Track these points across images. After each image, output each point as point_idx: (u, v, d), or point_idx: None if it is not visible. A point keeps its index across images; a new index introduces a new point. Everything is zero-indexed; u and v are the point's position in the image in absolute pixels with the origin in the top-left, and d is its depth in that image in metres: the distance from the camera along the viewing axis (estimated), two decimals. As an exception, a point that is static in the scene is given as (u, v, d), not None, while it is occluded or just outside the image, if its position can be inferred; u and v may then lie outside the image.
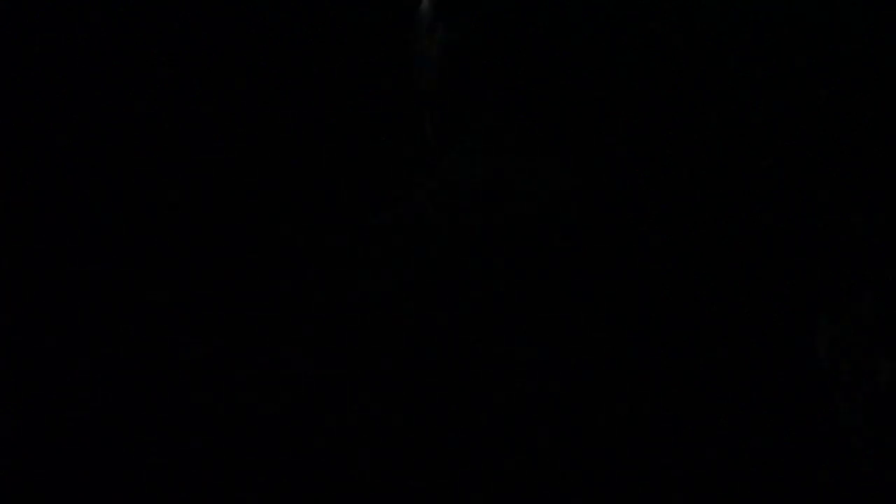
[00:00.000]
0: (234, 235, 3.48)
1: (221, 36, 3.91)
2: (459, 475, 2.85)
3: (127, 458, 2.83)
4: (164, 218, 3.51)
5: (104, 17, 3.84)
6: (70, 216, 3.49)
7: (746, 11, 3.87)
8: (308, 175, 3.72)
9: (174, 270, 3.35)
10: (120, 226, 3.48)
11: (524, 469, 2.85)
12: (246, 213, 3.57)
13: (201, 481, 2.80)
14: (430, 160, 3.64)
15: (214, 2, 3.96)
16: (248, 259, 3.40)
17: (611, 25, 3.86)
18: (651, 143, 3.61)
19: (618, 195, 3.46)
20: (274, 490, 2.79)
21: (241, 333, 3.15)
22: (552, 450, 2.89)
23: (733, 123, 3.63)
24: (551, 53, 3.84)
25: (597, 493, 2.81)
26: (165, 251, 3.41)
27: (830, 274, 3.16)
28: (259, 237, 3.47)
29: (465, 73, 3.41)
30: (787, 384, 3.00)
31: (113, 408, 2.96)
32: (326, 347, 3.15)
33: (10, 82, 3.70)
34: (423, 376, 3.07)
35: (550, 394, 3.01)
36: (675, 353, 3.08)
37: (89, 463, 2.82)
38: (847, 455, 2.82)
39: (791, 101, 3.66)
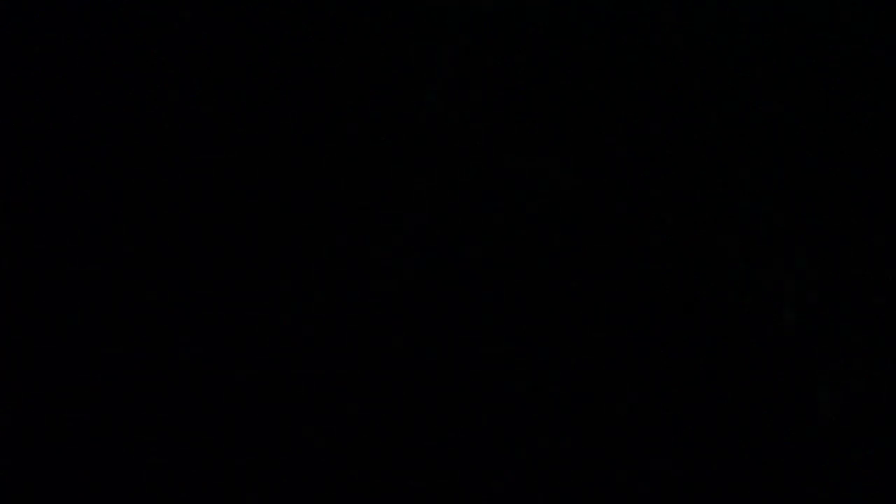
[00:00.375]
0: (234, 235, 3.48)
1: (222, 35, 3.92)
2: (459, 475, 2.85)
3: (127, 458, 2.83)
4: (164, 217, 3.51)
5: (106, 16, 3.85)
6: (70, 216, 3.49)
7: (746, 12, 3.87)
8: (308, 174, 3.72)
9: (174, 270, 3.36)
10: (120, 225, 3.48)
11: (524, 469, 2.85)
12: (246, 212, 3.57)
13: (201, 481, 2.80)
14: (431, 161, 3.64)
15: (216, 1, 3.96)
16: (248, 258, 3.40)
17: (611, 25, 3.86)
18: (651, 143, 3.61)
19: (618, 195, 3.46)
20: (274, 490, 2.79)
21: (241, 333, 3.15)
22: (552, 450, 2.90)
23: (734, 124, 3.63)
24: (551, 53, 3.84)
25: (597, 493, 2.81)
26: (165, 250, 3.42)
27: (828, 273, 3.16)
28: (259, 236, 3.48)
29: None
30: (781, 386, 3.00)
31: (112, 408, 2.96)
32: (326, 347, 3.15)
33: (10, 82, 3.70)
34: (423, 376, 3.07)
35: (550, 394, 3.02)
36: (675, 354, 3.08)
37: (89, 463, 2.82)
38: (831, 455, 2.82)
39: (793, 101, 3.66)
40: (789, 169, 3.50)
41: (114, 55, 3.77)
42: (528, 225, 3.42)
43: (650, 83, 3.71)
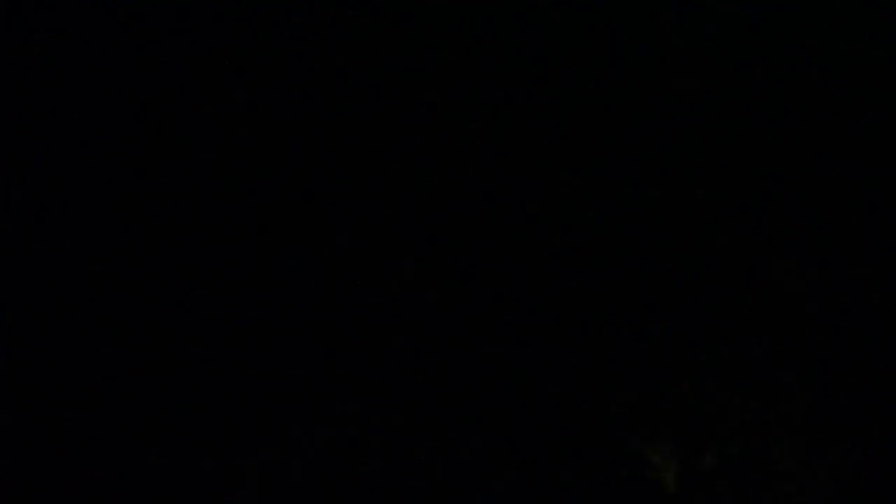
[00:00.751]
0: (234, 235, 3.48)
1: (223, 35, 3.91)
2: (460, 475, 2.85)
3: (127, 458, 2.83)
4: (164, 217, 3.51)
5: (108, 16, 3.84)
6: (70, 216, 3.49)
7: (747, 12, 3.86)
8: (308, 175, 3.71)
9: (175, 270, 3.35)
10: (120, 225, 3.48)
11: (524, 469, 2.85)
12: (246, 212, 3.56)
13: (201, 481, 2.80)
14: (429, 161, 3.63)
15: (216, 2, 3.96)
16: (248, 258, 3.40)
17: (611, 25, 3.85)
18: (651, 143, 3.61)
19: (618, 195, 3.46)
20: (274, 490, 2.79)
21: (241, 333, 3.15)
22: (551, 450, 2.89)
23: (733, 123, 3.63)
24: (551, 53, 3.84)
25: (595, 493, 2.81)
26: (166, 250, 3.41)
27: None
28: (259, 236, 3.47)
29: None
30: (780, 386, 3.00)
31: (113, 408, 2.96)
32: (326, 347, 3.15)
33: (10, 82, 3.70)
34: (423, 376, 3.07)
35: (550, 394, 3.01)
36: (674, 353, 3.08)
37: (89, 463, 2.82)
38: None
39: (792, 101, 3.65)
40: (789, 169, 3.50)
41: (114, 55, 3.76)
42: (529, 225, 3.42)
43: (650, 83, 3.71)
